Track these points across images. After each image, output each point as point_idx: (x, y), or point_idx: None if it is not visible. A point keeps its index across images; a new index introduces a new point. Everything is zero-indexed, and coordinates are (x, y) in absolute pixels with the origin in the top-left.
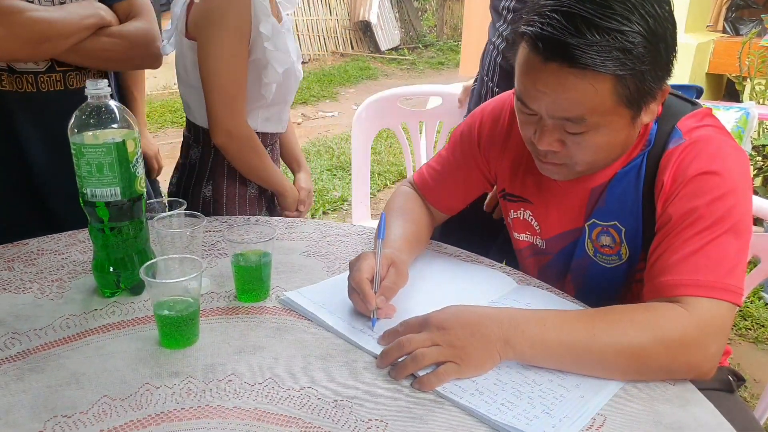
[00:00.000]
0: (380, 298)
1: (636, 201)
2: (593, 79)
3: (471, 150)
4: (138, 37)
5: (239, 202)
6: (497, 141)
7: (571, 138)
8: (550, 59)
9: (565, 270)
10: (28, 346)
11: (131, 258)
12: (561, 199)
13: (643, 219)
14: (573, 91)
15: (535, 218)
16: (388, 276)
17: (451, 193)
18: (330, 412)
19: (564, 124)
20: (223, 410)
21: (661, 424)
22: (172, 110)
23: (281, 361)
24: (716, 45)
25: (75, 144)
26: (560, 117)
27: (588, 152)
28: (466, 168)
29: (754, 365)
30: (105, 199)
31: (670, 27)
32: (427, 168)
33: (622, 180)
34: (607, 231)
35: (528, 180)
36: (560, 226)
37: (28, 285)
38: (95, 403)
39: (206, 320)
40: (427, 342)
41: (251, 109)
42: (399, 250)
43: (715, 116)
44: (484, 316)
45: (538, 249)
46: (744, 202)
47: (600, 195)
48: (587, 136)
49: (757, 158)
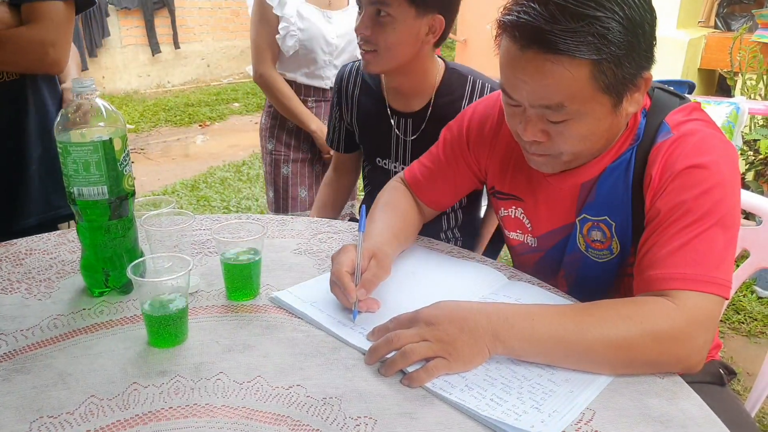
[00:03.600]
0: (361, 291)
1: (626, 195)
2: (569, 64)
3: (461, 148)
4: (21, 44)
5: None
6: (486, 140)
7: (554, 128)
8: (527, 47)
9: (557, 266)
10: (15, 347)
11: (120, 257)
12: (552, 195)
13: (632, 213)
14: (550, 77)
15: (526, 216)
16: (369, 268)
17: (441, 190)
18: (319, 409)
19: (545, 113)
20: (212, 409)
21: (650, 417)
22: (165, 108)
23: (270, 360)
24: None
25: (61, 142)
26: (540, 105)
27: (571, 142)
28: (456, 166)
29: (747, 359)
30: (92, 197)
31: (648, 16)
32: (418, 165)
33: (611, 174)
34: (597, 226)
35: (519, 177)
36: (551, 223)
37: (16, 285)
38: (82, 404)
39: (195, 319)
40: (415, 338)
41: (289, 65)
42: (382, 242)
43: (704, 110)
44: (473, 311)
45: (529, 247)
46: (731, 196)
47: (590, 190)
48: (569, 125)
49: (749, 153)
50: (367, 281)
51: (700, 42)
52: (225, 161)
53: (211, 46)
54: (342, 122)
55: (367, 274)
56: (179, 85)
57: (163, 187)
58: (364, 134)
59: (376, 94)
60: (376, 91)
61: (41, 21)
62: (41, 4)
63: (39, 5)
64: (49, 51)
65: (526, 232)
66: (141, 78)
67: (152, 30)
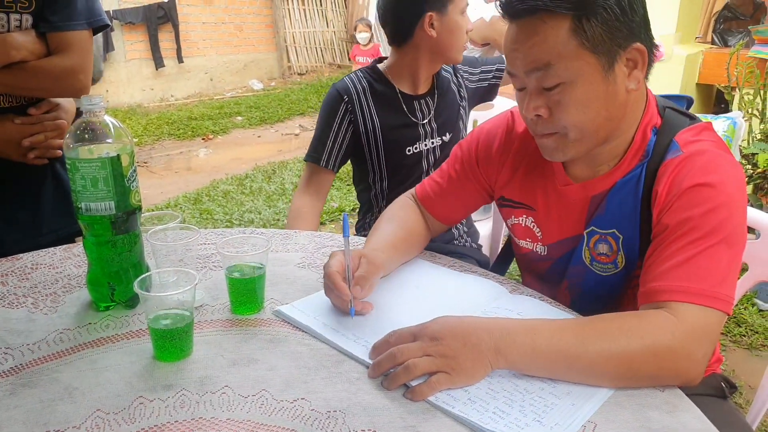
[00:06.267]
0: (356, 288)
1: (635, 209)
2: (551, 20)
3: (470, 165)
4: (55, 74)
5: None
6: (494, 156)
7: (552, 97)
8: (516, 17)
9: (561, 277)
10: (21, 361)
11: (126, 271)
12: (563, 206)
13: (640, 227)
14: (535, 36)
15: (537, 224)
16: (360, 266)
17: (451, 206)
18: (323, 422)
19: (539, 80)
20: (217, 422)
21: (651, 430)
22: (168, 122)
23: (275, 373)
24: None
25: (69, 158)
26: (532, 69)
27: (570, 111)
28: (466, 182)
29: (748, 371)
30: (100, 213)
31: None
32: (429, 181)
33: (621, 189)
34: (605, 239)
35: (530, 187)
36: (561, 233)
37: (22, 299)
38: (88, 417)
39: (200, 333)
40: (418, 352)
41: None
42: (374, 248)
43: (713, 130)
44: (476, 326)
45: (539, 255)
46: (738, 215)
47: (599, 203)
48: (564, 91)
49: (747, 167)
50: (360, 278)
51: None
52: (228, 174)
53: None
54: (347, 136)
55: (359, 271)
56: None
57: (166, 201)
58: (391, 132)
59: (389, 92)
60: (387, 89)
61: (71, 50)
62: (69, 34)
63: (67, 35)
64: (79, 77)
65: (536, 240)
66: (144, 92)
67: (156, 44)
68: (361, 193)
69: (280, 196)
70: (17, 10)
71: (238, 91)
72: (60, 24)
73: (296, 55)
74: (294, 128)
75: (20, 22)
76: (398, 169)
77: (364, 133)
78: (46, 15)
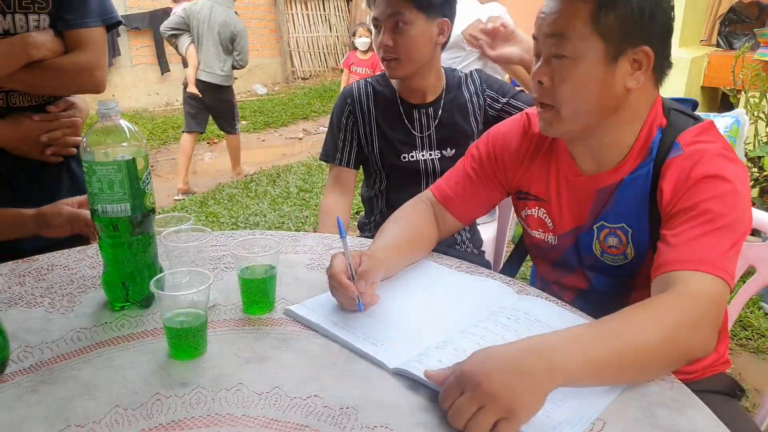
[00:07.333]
0: (360, 283)
1: (643, 204)
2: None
3: (490, 164)
4: (73, 70)
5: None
6: (513, 157)
7: (555, 70)
8: None
9: (578, 263)
10: (41, 359)
11: (140, 272)
12: (572, 196)
13: (649, 221)
14: (563, 8)
15: (549, 215)
16: (362, 263)
17: (470, 203)
18: (336, 418)
19: (553, 46)
20: (232, 418)
21: (659, 427)
22: (174, 126)
23: (288, 371)
24: (710, 59)
25: (86, 162)
26: (549, 34)
27: (566, 88)
28: (486, 180)
29: (755, 375)
30: (115, 215)
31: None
32: (446, 181)
33: (629, 186)
34: (614, 232)
35: (544, 181)
36: (570, 223)
37: (39, 299)
38: (107, 414)
39: (214, 332)
40: (473, 407)
41: None
42: (374, 249)
43: (716, 129)
44: (520, 351)
45: (550, 245)
46: (743, 207)
47: (608, 198)
48: (567, 67)
49: (753, 169)
50: (362, 273)
51: (703, 60)
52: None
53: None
54: (354, 136)
55: (361, 267)
56: None
57: (172, 204)
58: (387, 137)
59: (391, 99)
60: (390, 96)
61: (88, 48)
62: (84, 31)
63: (83, 32)
64: (96, 74)
65: (548, 231)
66: (150, 96)
67: (162, 50)
68: (364, 194)
69: (285, 199)
70: (35, 10)
71: (243, 96)
72: (75, 22)
73: (300, 59)
74: (298, 132)
75: (38, 23)
76: (395, 173)
77: (364, 135)
78: (61, 14)
